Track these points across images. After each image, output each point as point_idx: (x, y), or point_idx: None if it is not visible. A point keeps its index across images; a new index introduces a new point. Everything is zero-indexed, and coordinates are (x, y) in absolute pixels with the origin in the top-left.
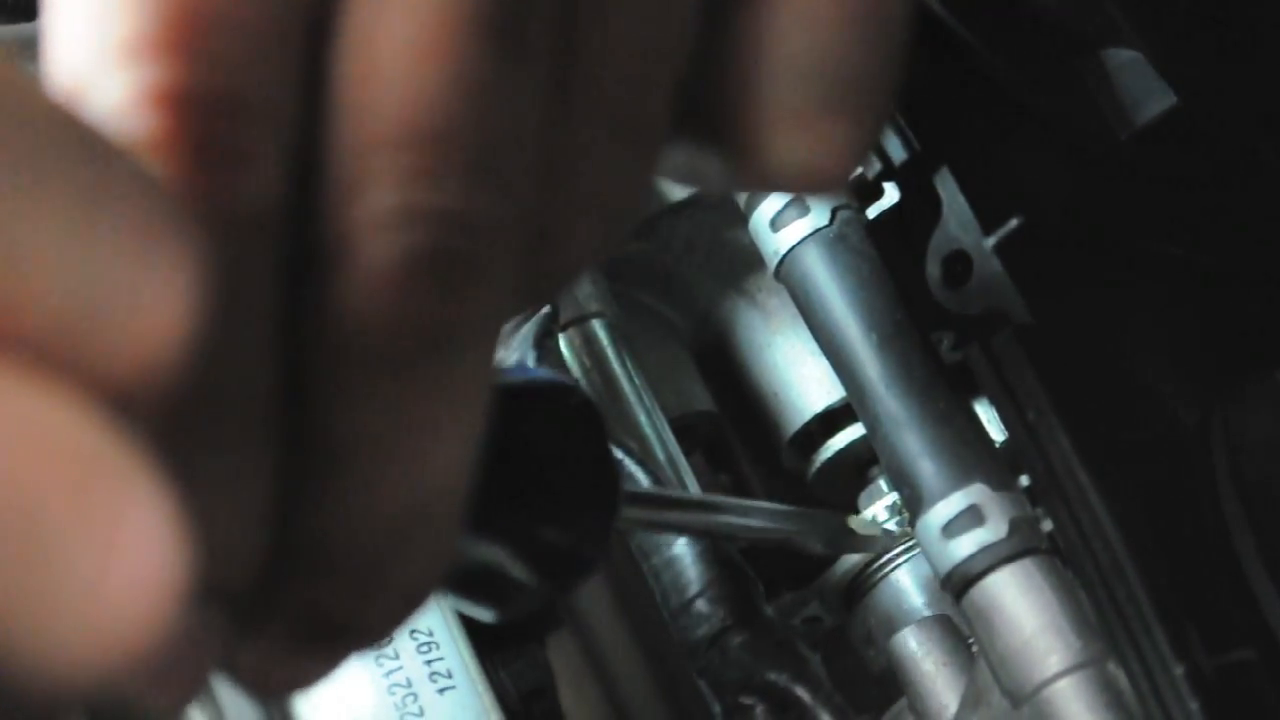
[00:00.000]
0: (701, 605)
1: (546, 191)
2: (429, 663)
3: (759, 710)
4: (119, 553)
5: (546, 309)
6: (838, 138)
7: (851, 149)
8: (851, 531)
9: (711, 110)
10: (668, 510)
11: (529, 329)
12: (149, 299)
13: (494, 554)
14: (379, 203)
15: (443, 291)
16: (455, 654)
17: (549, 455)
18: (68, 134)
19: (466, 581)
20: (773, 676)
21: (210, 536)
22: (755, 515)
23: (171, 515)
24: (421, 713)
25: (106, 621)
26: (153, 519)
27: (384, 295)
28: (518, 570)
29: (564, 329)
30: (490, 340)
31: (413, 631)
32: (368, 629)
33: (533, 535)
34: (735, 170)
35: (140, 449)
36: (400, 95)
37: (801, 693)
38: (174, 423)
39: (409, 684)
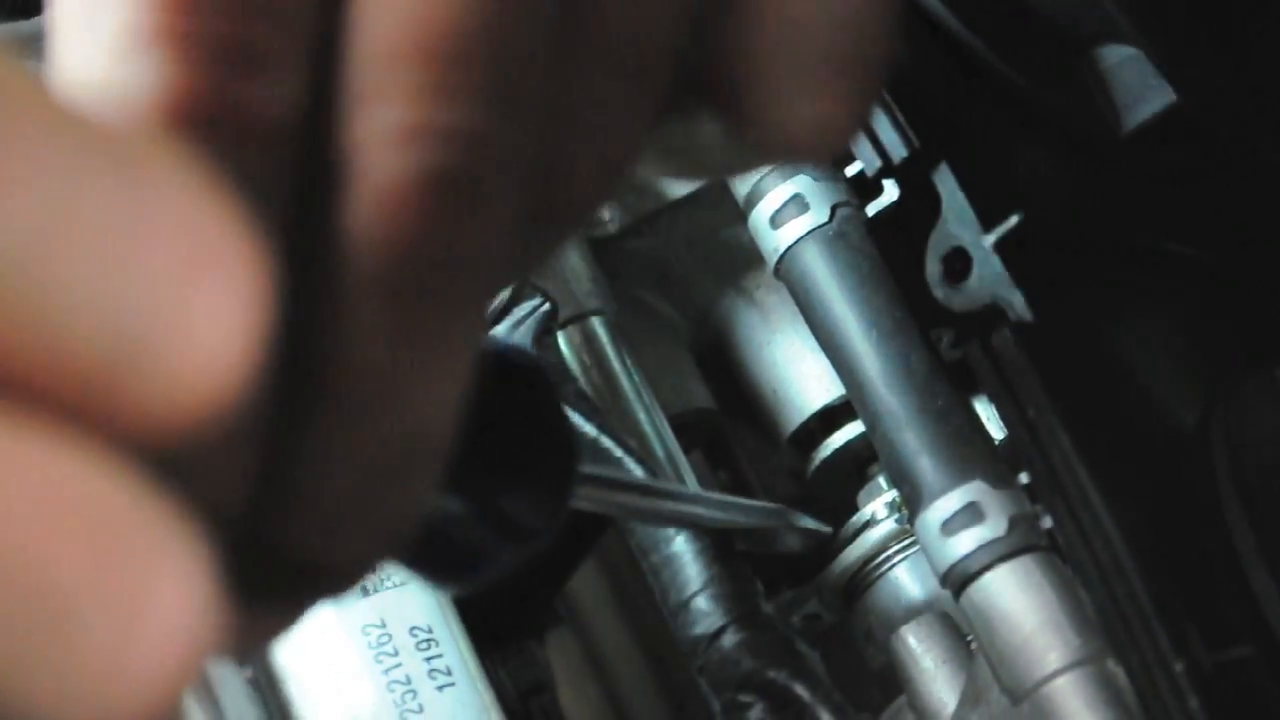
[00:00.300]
0: (701, 603)
1: (551, 127)
2: (428, 660)
3: (758, 708)
4: (143, 624)
5: (545, 306)
6: (839, 101)
7: (851, 114)
8: (794, 527)
9: (712, 77)
10: (618, 493)
11: (527, 327)
12: (198, 328)
13: (441, 515)
14: (389, 119)
15: (450, 212)
16: (455, 651)
17: (497, 419)
18: (91, 139)
19: (416, 546)
20: (771, 674)
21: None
22: (704, 504)
23: (203, 576)
24: (421, 710)
25: (128, 693)
26: (182, 585)
27: (390, 214)
28: (465, 534)
29: (563, 326)
30: (491, 281)
31: (412, 629)
32: (337, 570)
33: (479, 498)
34: (735, 139)
35: (173, 507)
36: (417, 10)
37: (800, 690)
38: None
39: (408, 681)
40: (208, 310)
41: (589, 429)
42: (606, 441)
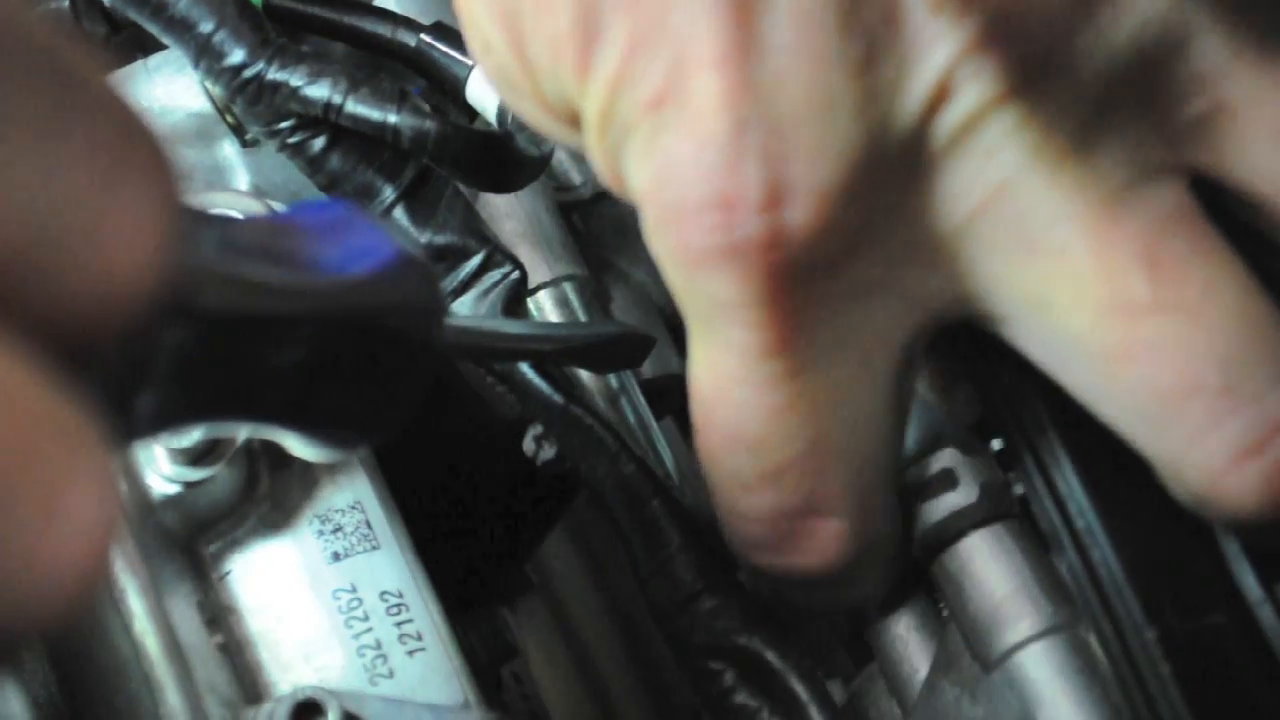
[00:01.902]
0: (672, 570)
1: None
2: (399, 625)
3: (728, 675)
4: (59, 520)
5: (515, 274)
6: None
7: None
8: (631, 340)
9: None
10: (474, 338)
11: (497, 295)
12: (121, 225)
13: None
14: None
15: None
16: (425, 616)
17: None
18: (19, 45)
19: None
20: (742, 641)
21: None
22: (550, 329)
23: (110, 479)
24: (391, 675)
25: (41, 587)
26: (93, 485)
27: None
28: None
29: (535, 292)
30: None
31: (383, 593)
32: None
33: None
34: None
35: (86, 409)
36: None
37: (771, 657)
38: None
39: (378, 646)
40: (128, 209)
41: (557, 398)
42: (576, 410)
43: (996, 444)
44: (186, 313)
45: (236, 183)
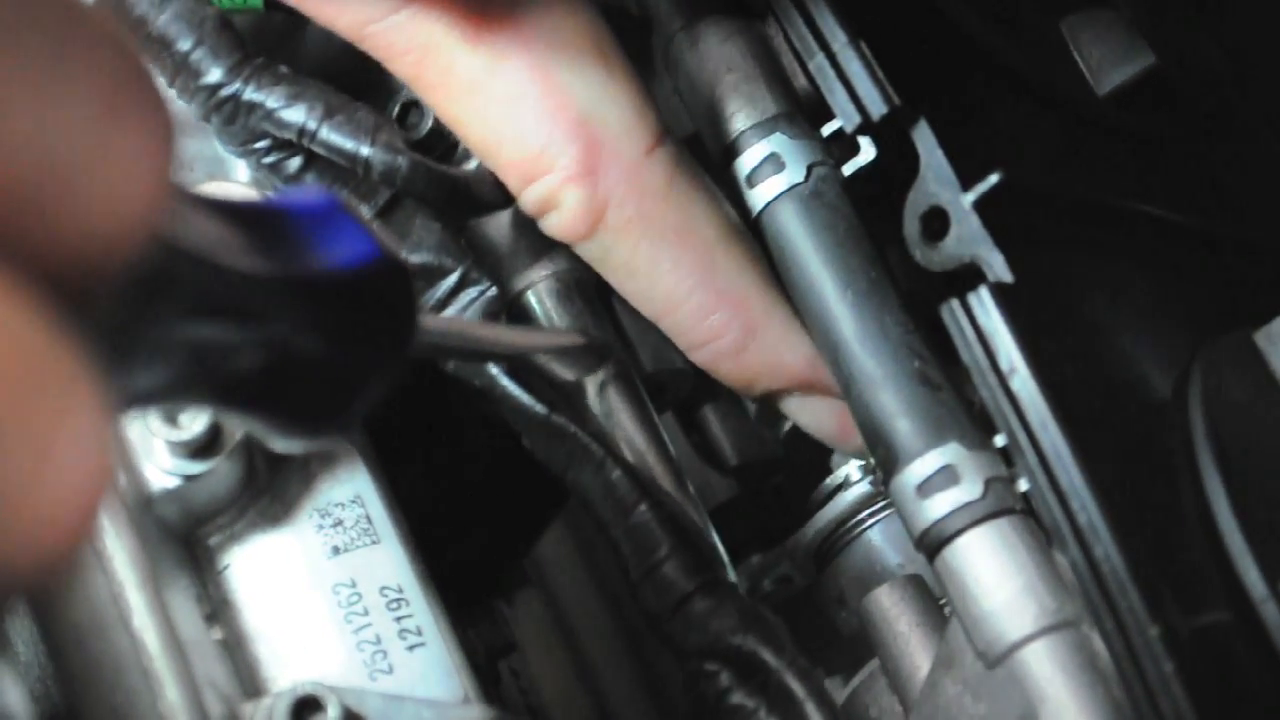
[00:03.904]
0: (665, 572)
1: None
2: (398, 620)
3: (724, 675)
4: (53, 462)
5: (491, 291)
6: None
7: None
8: (583, 347)
9: None
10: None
11: (474, 310)
12: (117, 158)
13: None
14: None
15: None
16: (425, 611)
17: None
18: None
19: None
20: (737, 641)
21: None
22: (510, 336)
23: (103, 429)
24: (391, 670)
25: (32, 528)
26: (86, 434)
27: None
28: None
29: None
30: None
31: (383, 588)
32: None
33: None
34: None
35: (82, 352)
36: None
37: (766, 655)
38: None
39: (378, 641)
40: (126, 145)
41: (539, 407)
42: (558, 419)
43: (999, 440)
44: (166, 295)
45: (235, 174)
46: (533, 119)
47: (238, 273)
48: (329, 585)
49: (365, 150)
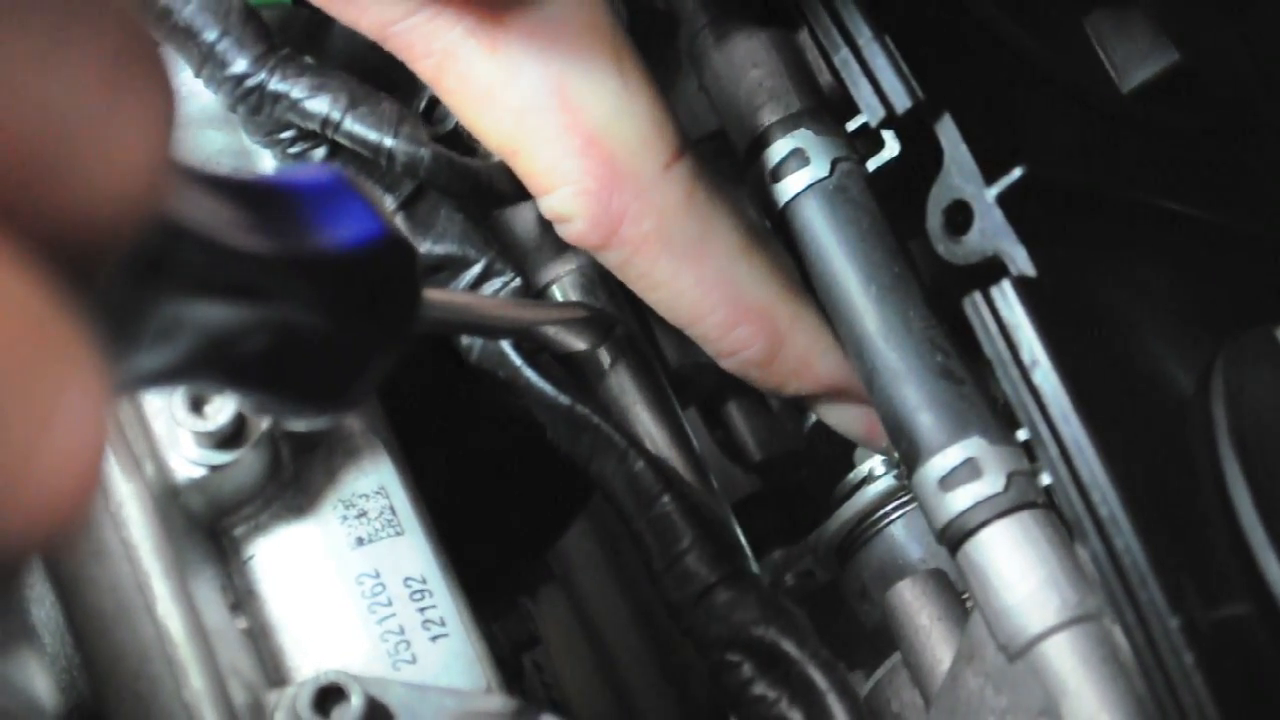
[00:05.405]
0: (686, 564)
1: None
2: (422, 610)
3: (746, 666)
4: (53, 432)
5: (517, 281)
6: None
7: None
8: (583, 321)
9: None
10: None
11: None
12: (122, 126)
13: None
14: None
15: None
16: (449, 602)
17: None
18: None
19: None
20: (759, 632)
21: None
22: (513, 309)
23: (104, 399)
24: (414, 660)
25: (31, 497)
26: (87, 403)
27: None
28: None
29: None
30: None
31: (406, 579)
32: None
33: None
34: None
35: (84, 325)
36: None
37: (788, 647)
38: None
39: (401, 631)
40: (131, 113)
41: (562, 398)
42: (581, 409)
43: (1022, 434)
44: (169, 273)
45: (260, 166)
46: (545, 133)
47: (241, 251)
48: (353, 576)
49: (388, 141)
